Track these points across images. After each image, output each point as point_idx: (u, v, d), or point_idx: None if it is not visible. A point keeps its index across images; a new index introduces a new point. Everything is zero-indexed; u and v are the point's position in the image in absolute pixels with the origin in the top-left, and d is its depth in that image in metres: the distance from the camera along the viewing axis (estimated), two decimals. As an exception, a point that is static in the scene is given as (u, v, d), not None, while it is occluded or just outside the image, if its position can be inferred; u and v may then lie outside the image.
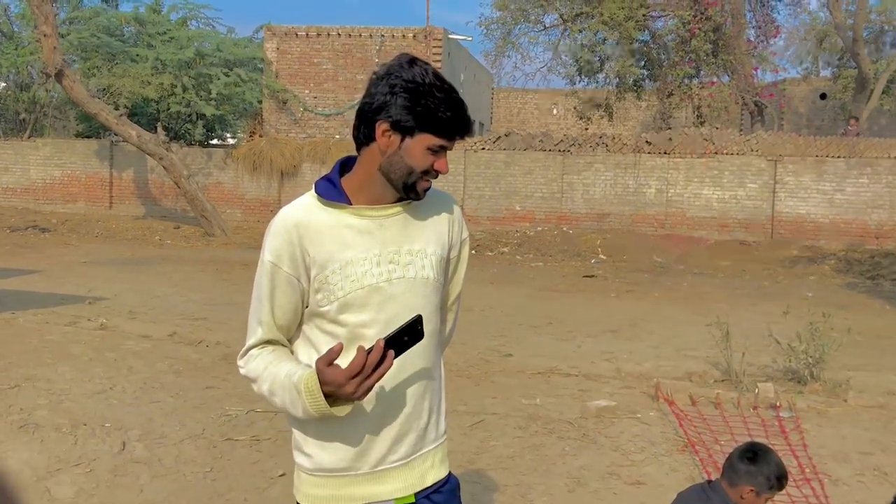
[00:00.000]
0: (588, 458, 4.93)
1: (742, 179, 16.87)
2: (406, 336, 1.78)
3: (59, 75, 15.99)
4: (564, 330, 8.81)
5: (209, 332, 7.61)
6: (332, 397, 1.78)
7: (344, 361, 1.77)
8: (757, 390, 6.12)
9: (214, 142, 25.11)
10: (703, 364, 6.90)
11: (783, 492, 4.44)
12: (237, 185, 19.54)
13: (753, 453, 3.07)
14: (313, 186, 1.95)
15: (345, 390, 1.74)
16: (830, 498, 4.37)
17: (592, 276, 13.56)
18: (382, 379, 1.78)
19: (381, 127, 1.84)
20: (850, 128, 18.53)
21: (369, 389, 1.76)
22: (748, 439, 4.12)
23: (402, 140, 1.84)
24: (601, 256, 15.67)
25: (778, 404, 5.90)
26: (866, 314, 10.18)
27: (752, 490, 2.99)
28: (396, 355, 1.77)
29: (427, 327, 1.96)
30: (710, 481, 3.23)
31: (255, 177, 19.19)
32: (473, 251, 15.58)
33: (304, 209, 1.92)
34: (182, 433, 5.05)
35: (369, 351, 1.73)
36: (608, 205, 17.59)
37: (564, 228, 17.57)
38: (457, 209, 2.06)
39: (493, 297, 10.85)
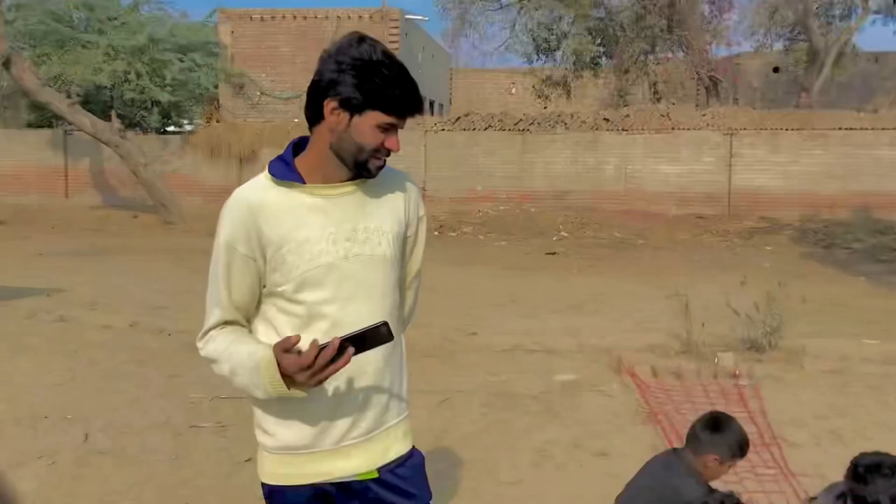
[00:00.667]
0: (553, 431, 4.98)
1: (699, 154, 17.07)
2: (370, 337, 1.77)
3: (6, 63, 15.58)
4: (528, 307, 8.86)
5: (170, 321, 7.52)
6: (290, 378, 1.78)
7: (306, 340, 1.76)
8: (717, 360, 6.23)
9: (171, 129, 24.67)
10: (664, 336, 6.99)
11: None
12: (195, 172, 19.27)
13: (716, 423, 3.13)
14: (266, 167, 1.93)
15: (297, 379, 1.74)
16: (788, 461, 4.48)
17: (555, 253, 13.64)
18: None
19: (330, 105, 1.83)
20: (801, 100, 18.84)
21: (322, 381, 1.75)
22: (709, 408, 4.20)
23: (351, 118, 1.83)
24: (563, 234, 15.76)
25: (737, 373, 6.02)
26: (821, 282, 10.39)
27: (716, 458, 3.06)
28: (357, 352, 1.76)
29: (387, 303, 1.96)
30: (674, 449, 3.30)
31: (214, 163, 18.94)
32: (436, 232, 15.56)
33: (258, 189, 1.90)
34: (146, 422, 5.00)
35: (323, 347, 1.72)
36: (569, 183, 17.67)
37: (526, 207, 17.63)
38: (412, 187, 2.06)
39: (457, 277, 10.87)
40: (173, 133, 22.82)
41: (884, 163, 16.32)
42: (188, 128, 26.01)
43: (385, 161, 1.90)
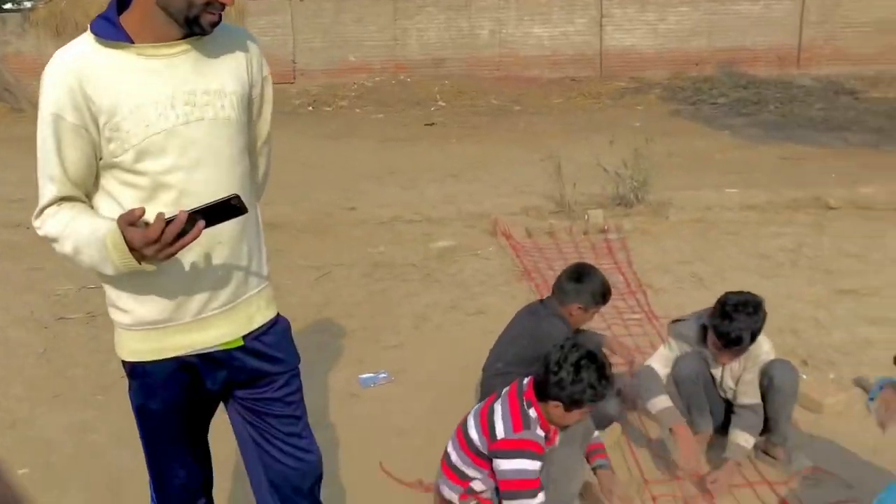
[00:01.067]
0: (432, 296, 5.10)
1: (570, 15, 17.05)
2: (220, 210, 1.70)
3: None
4: (407, 178, 8.85)
5: (28, 213, 7.08)
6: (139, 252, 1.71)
7: (153, 212, 1.69)
8: (587, 217, 6.47)
9: (7, 6, 22.57)
10: (539, 198, 7.17)
11: (611, 305, 4.81)
12: (40, 53, 17.77)
13: (579, 273, 3.28)
14: (88, 27, 1.78)
15: (145, 253, 1.66)
16: (653, 306, 4.77)
17: (433, 123, 13.55)
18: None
19: (151, -48, 1.69)
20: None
21: (172, 255, 1.68)
22: (580, 262, 4.38)
23: (176, -34, 1.70)
24: (440, 103, 15.62)
25: (606, 228, 6.28)
26: (688, 138, 10.81)
27: (580, 307, 3.21)
28: (209, 225, 1.70)
29: (236, 169, 1.90)
30: (541, 300, 3.44)
31: (60, 42, 17.24)
32: (311, 108, 15.14)
33: (81, 52, 1.75)
34: (8, 318, 4.80)
35: (170, 220, 1.65)
36: (444, 50, 17.39)
37: (402, 77, 17.29)
38: (253, 45, 1.94)
39: (334, 151, 10.69)
40: (11, 11, 20.88)
41: (747, 18, 16.79)
42: (27, 4, 23.78)
43: (220, 16, 1.78)
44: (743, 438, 3.05)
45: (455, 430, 2.59)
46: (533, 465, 2.37)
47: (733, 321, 2.92)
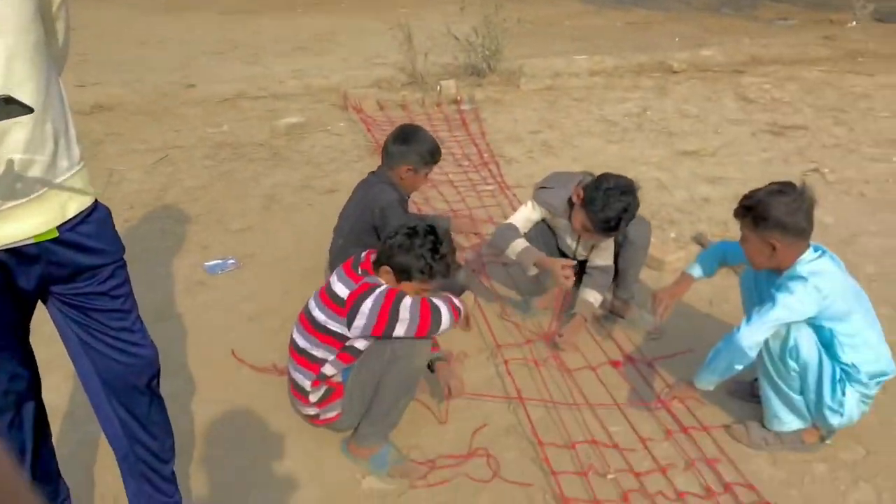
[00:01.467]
0: (281, 175, 4.93)
1: None
2: None
3: None
4: (251, 53, 8.40)
5: None
6: None
7: None
8: (439, 88, 6.37)
9: None
10: (391, 70, 6.98)
11: (465, 177, 4.80)
12: None
13: (404, 135, 3.20)
14: None
15: None
16: (505, 176, 4.81)
17: (277, -8, 12.83)
18: None
19: None
20: None
21: None
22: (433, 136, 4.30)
23: None
24: (284, -29, 14.76)
25: (459, 99, 6.21)
26: (538, 4, 10.73)
27: (409, 169, 3.15)
28: None
29: (28, 38, 1.67)
30: (372, 172, 3.34)
31: None
32: (140, -23, 13.98)
33: None
34: None
35: None
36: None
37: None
38: None
39: (170, 26, 9.95)
40: None
41: None
42: None
43: None
44: (592, 296, 3.15)
45: (298, 315, 2.52)
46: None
47: (612, 207, 2.88)
